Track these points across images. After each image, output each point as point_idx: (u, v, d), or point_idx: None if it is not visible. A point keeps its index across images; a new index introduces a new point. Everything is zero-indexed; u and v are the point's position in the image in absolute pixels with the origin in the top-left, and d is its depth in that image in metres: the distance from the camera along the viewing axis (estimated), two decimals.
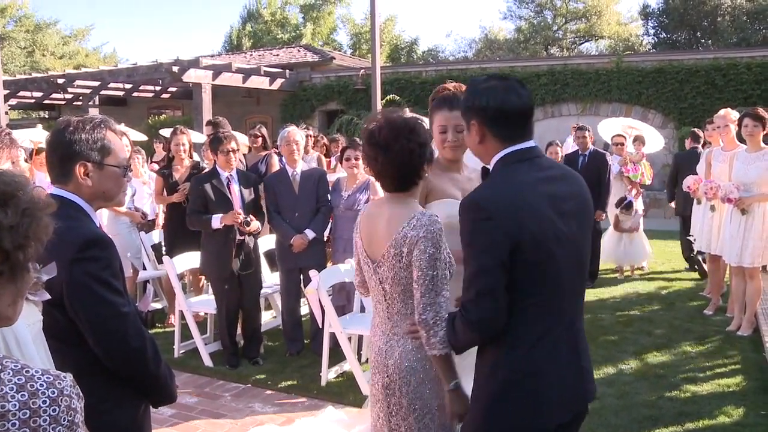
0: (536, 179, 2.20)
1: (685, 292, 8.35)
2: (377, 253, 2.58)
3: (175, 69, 15.85)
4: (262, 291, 6.27)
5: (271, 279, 6.88)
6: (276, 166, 7.27)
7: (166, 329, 7.02)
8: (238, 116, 19.90)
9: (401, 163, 2.50)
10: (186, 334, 6.27)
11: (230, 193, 5.76)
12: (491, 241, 2.12)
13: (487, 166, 2.35)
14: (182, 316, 6.16)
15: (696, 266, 9.14)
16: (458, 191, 3.08)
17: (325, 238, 6.35)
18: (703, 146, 9.06)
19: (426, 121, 2.93)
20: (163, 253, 6.89)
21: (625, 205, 9.04)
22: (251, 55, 24.76)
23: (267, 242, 6.65)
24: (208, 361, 5.92)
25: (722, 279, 7.62)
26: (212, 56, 24.44)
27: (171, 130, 7.63)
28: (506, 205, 2.14)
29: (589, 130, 8.92)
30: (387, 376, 2.59)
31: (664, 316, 7.23)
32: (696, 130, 9.86)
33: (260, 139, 7.77)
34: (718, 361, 5.79)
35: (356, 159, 6.02)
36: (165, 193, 6.96)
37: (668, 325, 6.85)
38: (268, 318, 7.11)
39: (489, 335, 2.20)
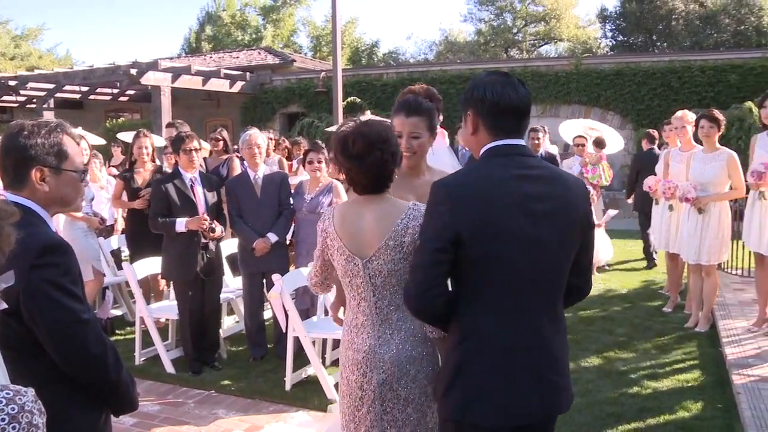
0: (510, 176, 2.20)
1: (645, 291, 8.51)
2: (367, 249, 2.62)
3: (133, 71, 15.61)
4: (225, 296, 6.21)
5: (233, 283, 6.82)
6: (237, 169, 7.22)
7: (127, 336, 6.90)
8: (198, 119, 19.70)
9: (376, 173, 2.59)
10: (147, 341, 6.17)
11: (194, 195, 5.69)
12: (435, 226, 2.17)
13: None
14: (143, 323, 6.07)
15: (650, 262, 9.71)
16: (414, 197, 3.08)
17: (288, 242, 6.32)
18: (659, 147, 9.27)
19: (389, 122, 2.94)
20: (124, 258, 6.79)
21: None
22: (211, 57, 24.56)
23: (229, 246, 6.60)
24: (170, 368, 5.84)
25: (680, 277, 7.78)
26: (171, 59, 24.11)
27: (132, 133, 7.51)
28: (463, 193, 2.16)
29: (544, 132, 9.05)
30: (383, 372, 2.61)
31: (625, 314, 7.36)
32: (651, 131, 10.19)
33: (221, 143, 7.70)
34: (677, 357, 5.92)
35: (318, 162, 6.01)
36: (126, 197, 6.85)
37: (629, 323, 6.98)
38: (231, 323, 7.05)
39: (431, 323, 2.34)
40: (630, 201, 9.84)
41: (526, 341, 2.20)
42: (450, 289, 2.25)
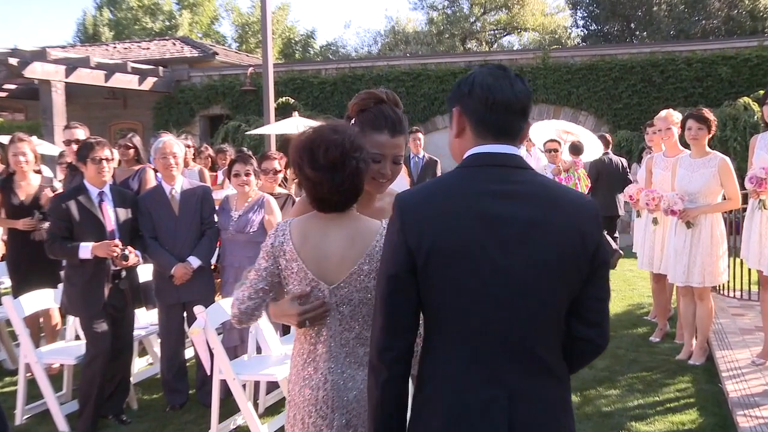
0: (480, 191, 2.09)
1: (628, 317, 8.66)
2: (336, 274, 2.62)
3: (13, 61, 14.97)
4: (136, 333, 6.09)
5: (146, 318, 6.69)
6: (151, 182, 7.12)
7: (5, 389, 6.66)
8: (101, 122, 19.37)
9: (350, 187, 2.59)
10: (34, 394, 5.95)
11: (102, 214, 5.55)
12: (387, 249, 2.13)
13: None
14: (29, 370, 5.79)
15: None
16: None
17: (213, 267, 6.26)
18: (642, 151, 9.50)
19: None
20: (4, 290, 6.58)
21: None
22: (115, 47, 24.13)
23: (141, 273, 6.46)
24: (63, 426, 5.61)
25: (668, 301, 7.94)
26: (63, 47, 23.64)
27: (9, 137, 7.24)
28: (417, 208, 2.10)
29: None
30: (347, 412, 2.61)
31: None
32: (607, 135, 10.92)
33: (132, 151, 7.56)
34: (670, 395, 6.01)
35: (247, 174, 5.98)
36: (4, 214, 6.63)
37: (611, 355, 7.06)
38: (144, 365, 6.91)
39: (392, 369, 2.14)
40: None
41: (486, 391, 2.06)
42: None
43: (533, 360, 2.09)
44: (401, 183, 3.44)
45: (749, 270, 7.31)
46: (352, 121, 2.87)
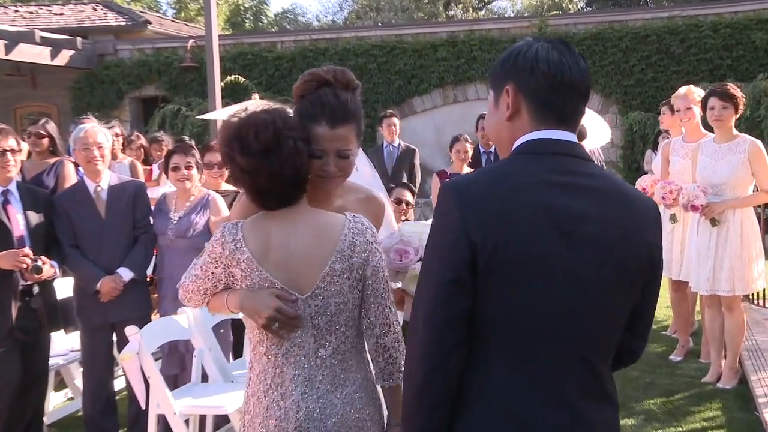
0: (543, 181, 2.12)
1: None
2: (305, 280, 2.66)
3: None
4: (52, 361, 6.06)
5: (65, 343, 6.64)
6: (71, 179, 7.07)
7: None
8: (3, 104, 19.16)
9: (292, 171, 2.62)
10: None
11: (7, 218, 5.50)
12: (449, 243, 2.10)
13: None
14: None
15: None
16: None
17: (149, 279, 6.24)
18: (658, 136, 9.55)
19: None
20: None
21: None
22: (17, 12, 23.58)
23: (59, 289, 6.40)
24: None
25: (691, 313, 7.98)
26: None
27: None
28: (478, 197, 2.11)
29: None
30: None
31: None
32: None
33: (46, 140, 7.50)
34: (695, 425, 6.03)
35: (188, 167, 5.94)
36: None
37: (623, 377, 7.00)
38: (62, 401, 6.88)
39: (442, 393, 2.14)
40: None
41: (549, 414, 2.11)
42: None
43: (595, 379, 2.18)
44: (365, 175, 3.45)
45: None
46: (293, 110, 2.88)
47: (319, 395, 2.67)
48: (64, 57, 18.66)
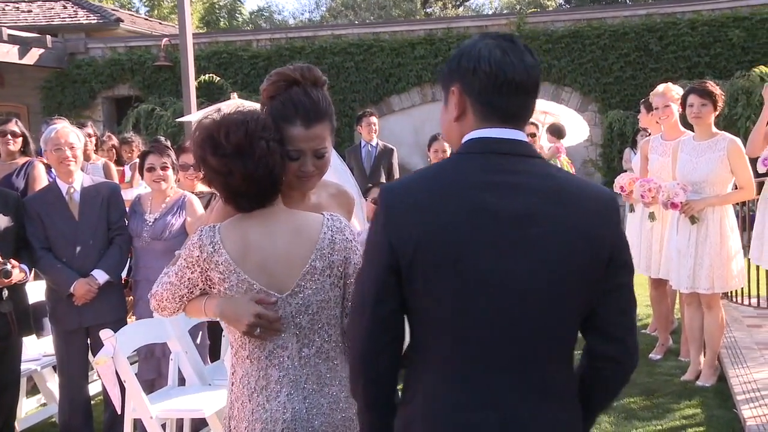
0: (476, 182, 2.13)
1: None
2: (285, 279, 2.68)
3: None
4: (24, 366, 6.03)
5: (37, 347, 6.61)
6: (42, 180, 7.03)
7: None
8: None
9: (265, 172, 2.63)
10: None
11: None
12: (376, 244, 2.18)
13: None
14: None
15: None
16: None
17: (124, 282, 6.22)
18: (637, 134, 9.61)
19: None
20: None
21: None
22: None
23: (31, 293, 6.36)
24: None
25: (671, 311, 8.03)
26: None
27: None
28: (402, 201, 2.15)
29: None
30: None
31: None
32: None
33: (20, 140, 7.45)
34: (675, 423, 6.07)
35: (163, 168, 5.91)
36: None
37: None
38: (34, 407, 6.85)
39: (374, 383, 2.25)
40: None
41: (479, 420, 2.12)
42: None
43: (534, 380, 2.16)
44: (338, 173, 3.47)
45: (767, 273, 7.37)
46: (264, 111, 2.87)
47: (306, 395, 2.69)
48: (33, 55, 18.53)
